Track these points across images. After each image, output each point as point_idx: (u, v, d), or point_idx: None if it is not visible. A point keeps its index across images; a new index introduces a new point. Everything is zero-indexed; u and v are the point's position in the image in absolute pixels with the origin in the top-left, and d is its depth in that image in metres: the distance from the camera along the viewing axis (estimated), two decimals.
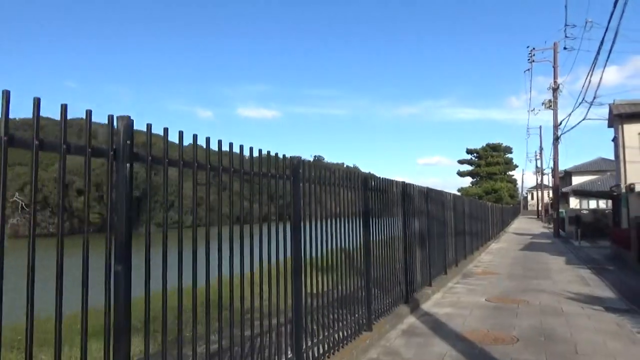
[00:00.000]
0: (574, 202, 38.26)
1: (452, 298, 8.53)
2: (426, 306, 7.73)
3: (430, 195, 9.42)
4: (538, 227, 41.13)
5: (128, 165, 2.45)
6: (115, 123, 2.46)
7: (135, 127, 2.52)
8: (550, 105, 29.74)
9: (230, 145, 3.24)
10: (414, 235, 8.03)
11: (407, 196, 7.65)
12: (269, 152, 3.75)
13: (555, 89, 29.31)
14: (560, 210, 30.28)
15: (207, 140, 3.02)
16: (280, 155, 3.91)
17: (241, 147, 3.37)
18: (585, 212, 27.60)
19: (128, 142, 2.47)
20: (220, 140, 3.12)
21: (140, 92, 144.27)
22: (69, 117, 2.23)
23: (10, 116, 2.00)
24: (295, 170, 4.06)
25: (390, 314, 6.47)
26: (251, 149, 3.48)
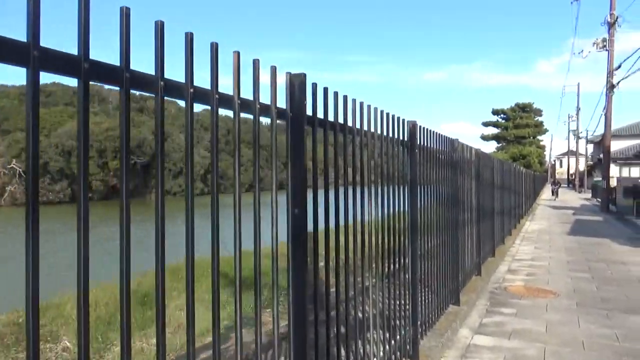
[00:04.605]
0: (612, 170, 35.37)
1: None
2: None
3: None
4: (574, 198, 35.45)
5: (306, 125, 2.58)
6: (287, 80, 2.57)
7: None
8: (604, 45, 22.70)
9: (368, 107, 3.38)
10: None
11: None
12: (388, 115, 3.85)
13: (612, 24, 21.92)
14: (597, 179, 25.47)
15: (353, 102, 3.15)
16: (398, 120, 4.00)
17: (375, 109, 3.50)
18: None
19: (305, 102, 2.58)
20: (362, 102, 3.27)
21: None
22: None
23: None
24: (412, 135, 4.15)
25: None
26: (380, 113, 3.61)
